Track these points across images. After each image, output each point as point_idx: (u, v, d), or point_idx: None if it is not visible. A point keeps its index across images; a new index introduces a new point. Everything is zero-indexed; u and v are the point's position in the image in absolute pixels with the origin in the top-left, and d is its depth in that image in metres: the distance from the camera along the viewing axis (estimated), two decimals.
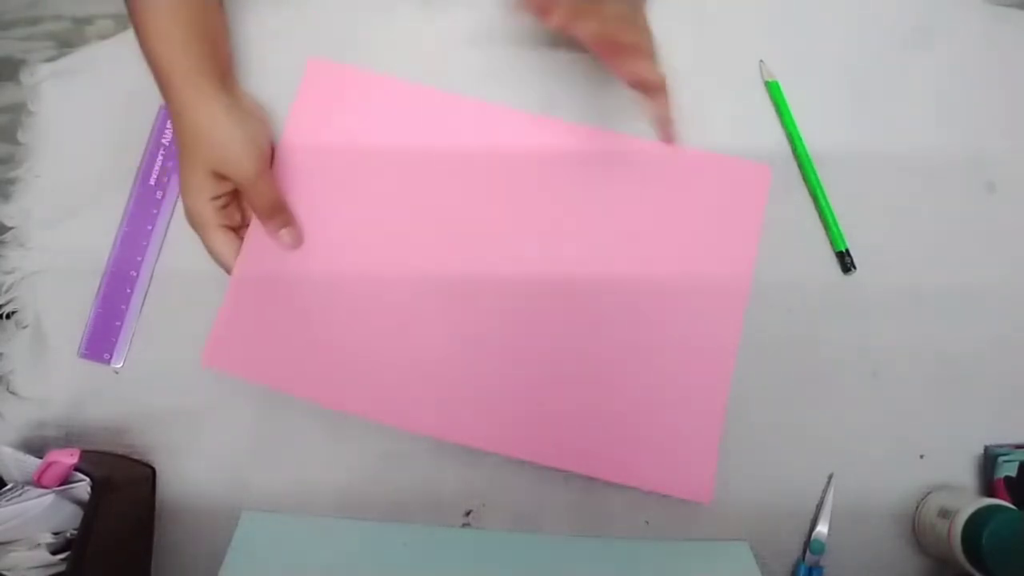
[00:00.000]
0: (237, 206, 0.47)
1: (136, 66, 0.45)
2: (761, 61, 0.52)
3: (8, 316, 0.51)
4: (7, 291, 0.50)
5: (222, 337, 0.46)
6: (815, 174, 0.51)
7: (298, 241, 0.47)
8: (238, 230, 0.47)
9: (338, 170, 0.49)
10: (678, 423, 0.46)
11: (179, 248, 0.50)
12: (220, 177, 0.44)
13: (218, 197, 0.45)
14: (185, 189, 0.44)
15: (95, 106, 0.52)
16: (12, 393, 0.49)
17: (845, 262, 0.50)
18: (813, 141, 0.51)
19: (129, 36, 0.52)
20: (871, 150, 0.52)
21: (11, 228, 0.51)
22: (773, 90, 0.52)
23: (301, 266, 0.47)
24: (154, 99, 0.51)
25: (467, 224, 0.48)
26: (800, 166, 0.51)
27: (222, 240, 0.45)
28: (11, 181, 0.52)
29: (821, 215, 0.51)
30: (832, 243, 0.50)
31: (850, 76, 0.52)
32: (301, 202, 0.48)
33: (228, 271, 0.46)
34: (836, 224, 0.50)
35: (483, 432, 0.46)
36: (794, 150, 0.51)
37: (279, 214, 0.46)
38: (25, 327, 0.50)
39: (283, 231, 0.46)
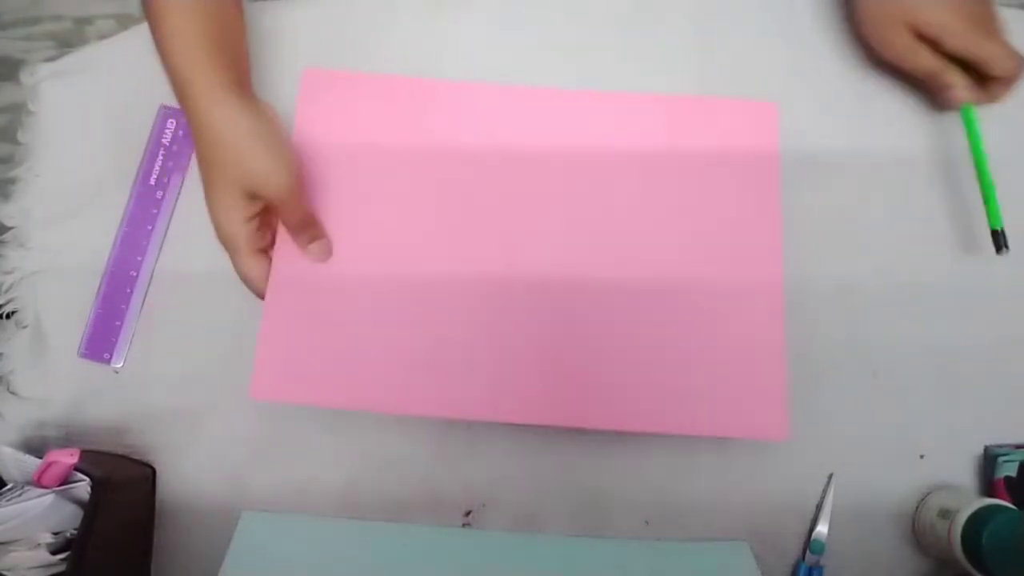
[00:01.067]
0: (267, 223, 0.45)
1: (136, 66, 0.45)
2: None
3: (8, 316, 0.50)
4: (7, 291, 0.50)
5: (266, 366, 0.44)
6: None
7: (327, 254, 0.46)
8: (267, 249, 0.45)
9: (352, 175, 0.48)
10: (740, 366, 0.45)
11: (179, 248, 0.50)
12: (253, 196, 0.42)
13: (253, 217, 0.42)
14: (215, 208, 0.42)
15: (95, 106, 0.52)
16: (12, 393, 0.49)
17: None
18: (798, 141, 0.51)
19: (129, 36, 0.52)
20: (871, 150, 0.52)
21: (11, 228, 0.51)
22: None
23: (330, 277, 0.46)
24: (154, 99, 0.51)
25: (489, 217, 0.48)
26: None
27: (254, 265, 0.44)
28: (11, 181, 0.52)
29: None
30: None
31: (851, 76, 0.53)
32: (321, 211, 0.47)
33: (258, 295, 0.45)
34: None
35: (539, 407, 0.44)
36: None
37: (310, 228, 0.45)
38: (25, 327, 0.50)
39: (313, 245, 0.45)
